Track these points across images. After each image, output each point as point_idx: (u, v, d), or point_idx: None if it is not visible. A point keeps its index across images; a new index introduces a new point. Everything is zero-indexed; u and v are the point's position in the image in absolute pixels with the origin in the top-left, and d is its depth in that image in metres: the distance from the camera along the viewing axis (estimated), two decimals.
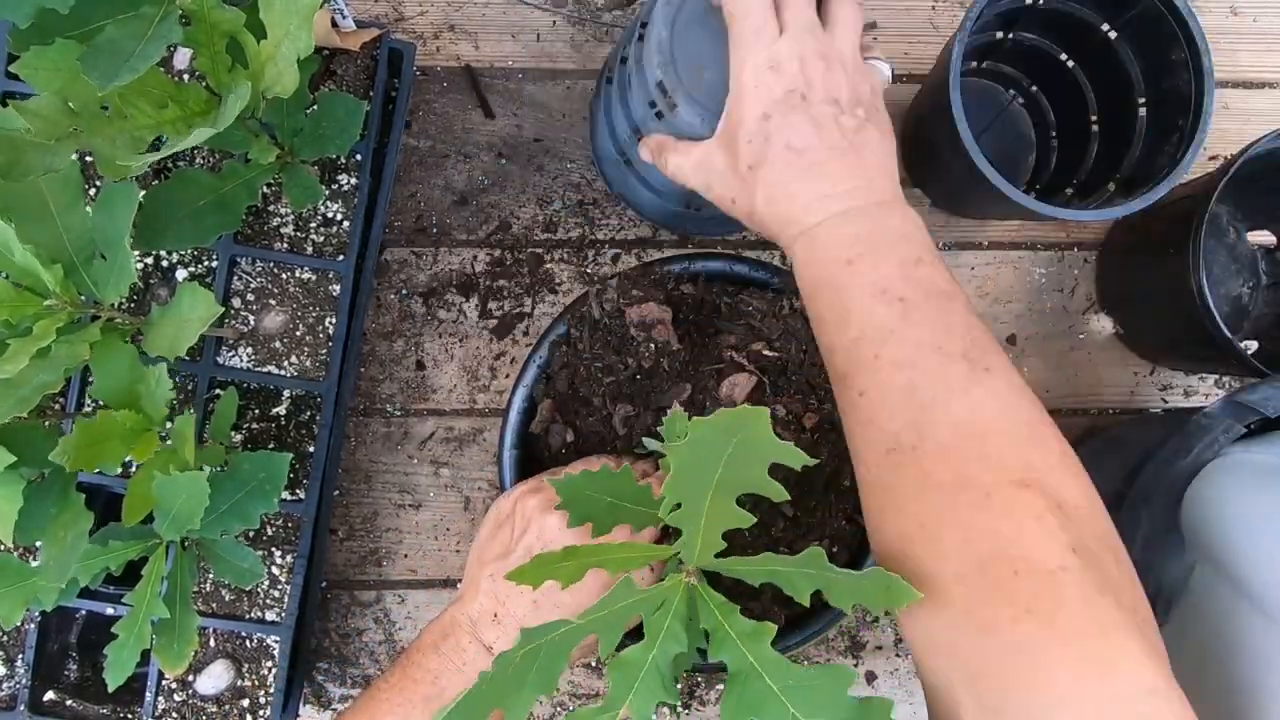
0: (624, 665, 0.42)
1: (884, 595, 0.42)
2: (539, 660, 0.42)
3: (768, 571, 0.44)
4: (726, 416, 0.39)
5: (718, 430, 0.39)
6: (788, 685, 0.41)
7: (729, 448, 0.40)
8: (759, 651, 0.42)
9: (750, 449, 0.40)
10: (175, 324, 0.62)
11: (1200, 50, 0.72)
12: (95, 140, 0.56)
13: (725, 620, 0.44)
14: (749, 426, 0.39)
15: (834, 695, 0.40)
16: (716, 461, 0.41)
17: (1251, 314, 0.89)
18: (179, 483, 0.58)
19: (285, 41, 0.56)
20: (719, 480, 0.42)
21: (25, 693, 0.76)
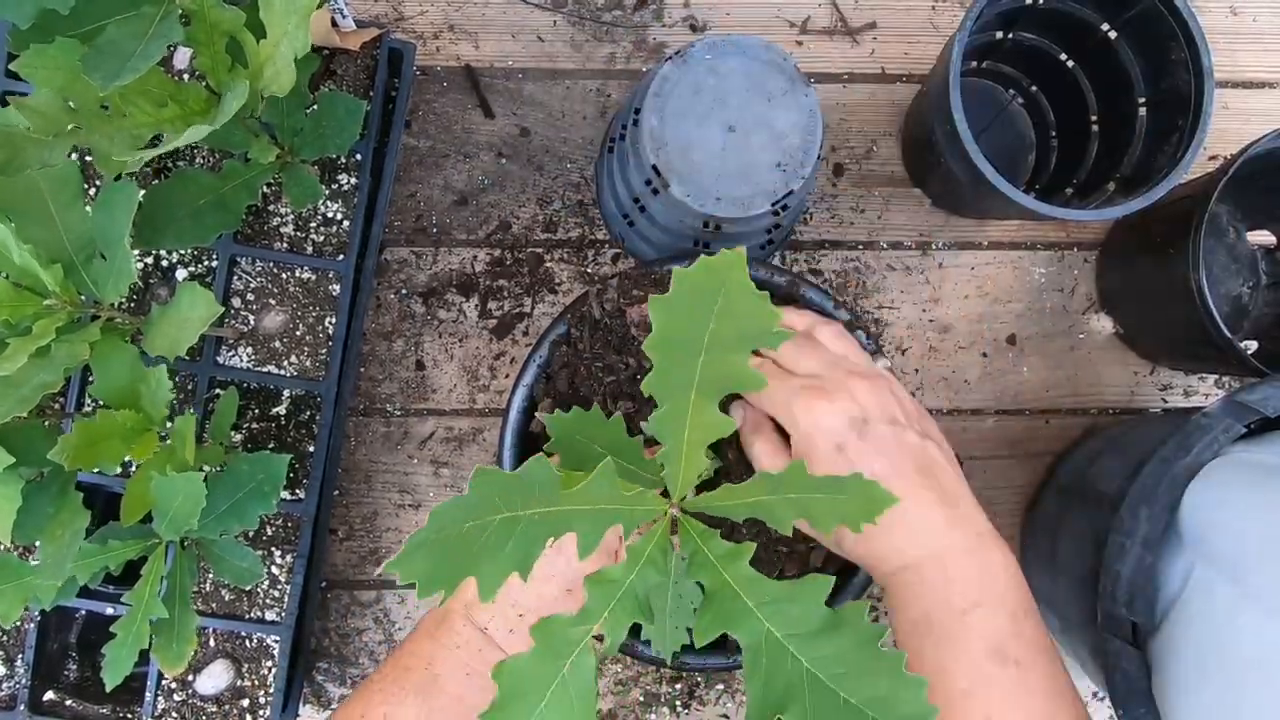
0: (603, 582, 0.43)
1: (864, 506, 0.42)
2: (516, 534, 0.40)
3: (750, 504, 0.44)
4: (704, 265, 0.39)
5: (700, 282, 0.39)
6: (763, 601, 0.41)
7: (713, 310, 0.40)
8: (735, 570, 0.42)
9: (735, 308, 0.40)
10: (175, 324, 0.62)
11: (1200, 50, 0.72)
12: (94, 138, 0.56)
13: (704, 544, 0.44)
14: (729, 273, 0.39)
15: (809, 607, 0.40)
16: (700, 334, 0.41)
17: (1251, 314, 0.89)
18: (176, 483, 0.58)
19: (284, 41, 0.56)
20: (702, 366, 0.41)
21: (25, 692, 0.76)
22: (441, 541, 0.39)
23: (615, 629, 0.42)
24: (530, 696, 0.39)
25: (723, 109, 0.71)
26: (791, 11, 0.91)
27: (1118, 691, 0.63)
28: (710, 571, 0.43)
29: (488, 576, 0.40)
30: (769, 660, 0.40)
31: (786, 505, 0.43)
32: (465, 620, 0.56)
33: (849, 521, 0.42)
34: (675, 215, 0.73)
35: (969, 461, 0.90)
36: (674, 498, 0.46)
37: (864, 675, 0.38)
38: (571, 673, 0.40)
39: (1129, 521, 0.64)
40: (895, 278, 0.91)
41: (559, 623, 0.41)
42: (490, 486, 0.39)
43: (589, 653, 0.40)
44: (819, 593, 0.40)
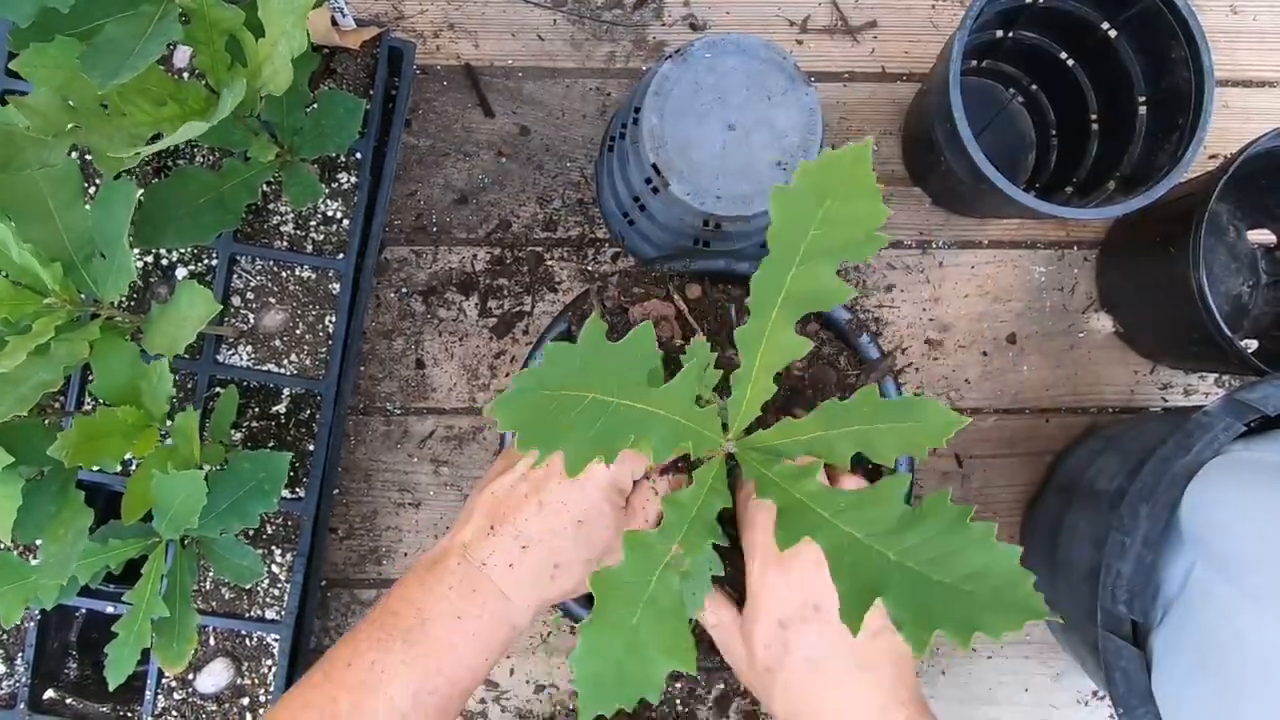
0: (677, 504, 0.44)
1: (930, 432, 0.42)
2: (605, 417, 0.42)
3: (807, 441, 0.44)
4: (826, 160, 0.40)
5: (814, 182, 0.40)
6: (839, 510, 0.41)
7: (818, 214, 0.41)
8: (803, 487, 0.43)
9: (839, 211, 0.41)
10: (174, 322, 0.62)
11: (1200, 49, 0.72)
12: (94, 137, 0.56)
13: (767, 469, 0.45)
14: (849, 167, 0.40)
15: (888, 508, 0.40)
16: (803, 233, 0.41)
17: (1251, 312, 0.89)
18: (177, 481, 0.58)
19: (282, 40, 0.56)
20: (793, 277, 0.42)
21: (25, 691, 0.76)
22: (541, 400, 0.41)
23: (694, 547, 0.43)
24: (626, 605, 0.40)
25: (723, 108, 0.71)
26: (792, 10, 0.91)
27: (1118, 690, 0.63)
28: (780, 491, 0.43)
29: (575, 452, 0.41)
30: (852, 557, 0.40)
31: (846, 438, 0.43)
32: (461, 559, 0.53)
33: (912, 448, 0.42)
34: (675, 214, 0.73)
35: (969, 460, 0.90)
36: (734, 425, 0.46)
37: (954, 555, 0.39)
38: (659, 586, 0.41)
39: (1129, 520, 0.64)
40: (895, 276, 0.91)
41: (645, 536, 0.42)
42: (597, 340, 0.42)
43: (673, 570, 0.41)
44: (897, 492, 0.40)
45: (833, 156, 0.40)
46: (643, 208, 0.76)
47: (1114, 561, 0.64)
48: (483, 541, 0.53)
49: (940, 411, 0.41)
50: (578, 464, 0.41)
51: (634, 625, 0.40)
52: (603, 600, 0.40)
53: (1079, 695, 0.90)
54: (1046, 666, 0.90)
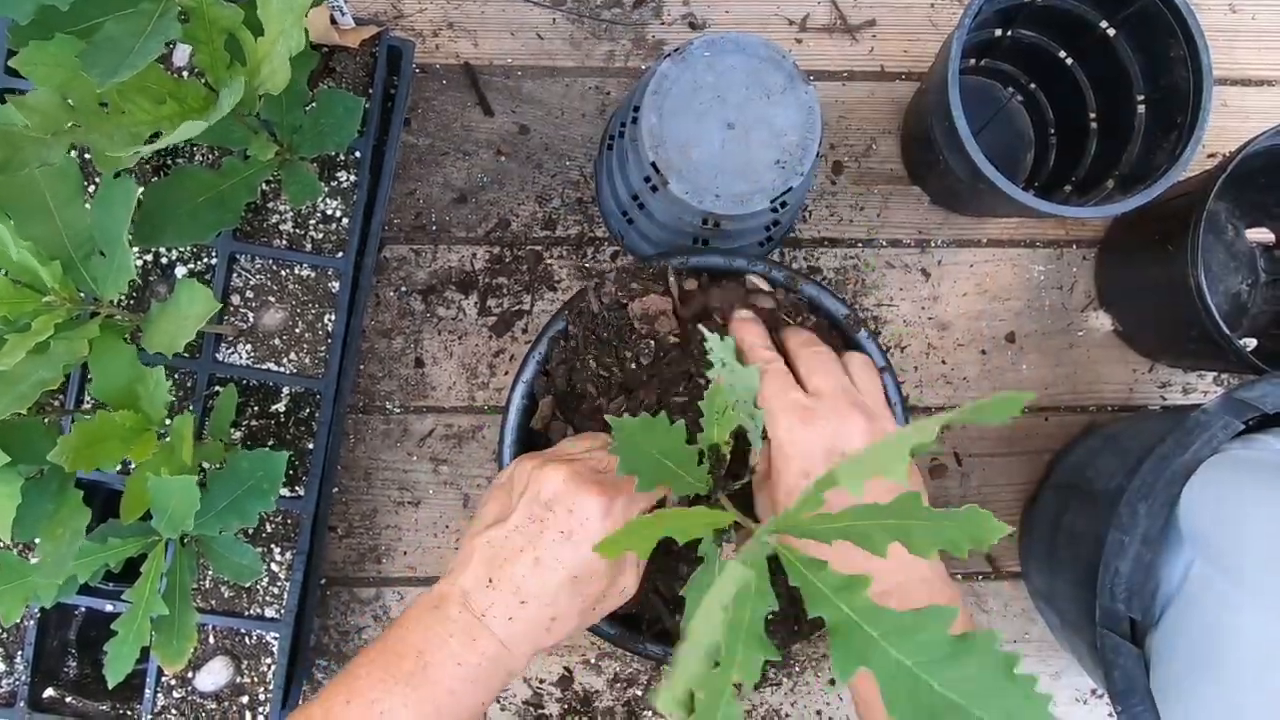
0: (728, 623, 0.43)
1: (972, 534, 0.42)
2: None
3: (842, 529, 0.44)
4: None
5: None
6: (888, 631, 0.41)
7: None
8: (854, 602, 0.42)
9: None
10: (173, 320, 0.62)
11: (1199, 47, 0.72)
12: (93, 136, 0.56)
13: (815, 576, 0.44)
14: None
15: (936, 634, 0.40)
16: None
17: (1250, 311, 0.89)
18: (170, 485, 0.58)
19: (280, 39, 0.56)
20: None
21: (25, 689, 0.76)
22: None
23: (749, 664, 0.42)
24: None
25: (722, 106, 0.71)
26: (791, 9, 0.91)
27: (1116, 688, 0.63)
28: (830, 606, 0.42)
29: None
30: (907, 690, 0.40)
31: (884, 530, 0.43)
32: (462, 608, 0.54)
33: (951, 547, 0.42)
34: (674, 212, 0.73)
35: (967, 459, 0.90)
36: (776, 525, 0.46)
37: (995, 696, 0.39)
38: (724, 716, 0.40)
39: (1128, 518, 0.64)
40: (894, 275, 0.91)
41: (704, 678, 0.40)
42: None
43: (733, 701, 0.40)
44: (944, 621, 0.40)
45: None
46: (641, 206, 0.76)
47: (1113, 560, 0.64)
48: (482, 592, 0.55)
49: (985, 521, 0.42)
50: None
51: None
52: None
53: (1078, 693, 0.90)
54: (1045, 664, 0.90)
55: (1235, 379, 0.92)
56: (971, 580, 0.90)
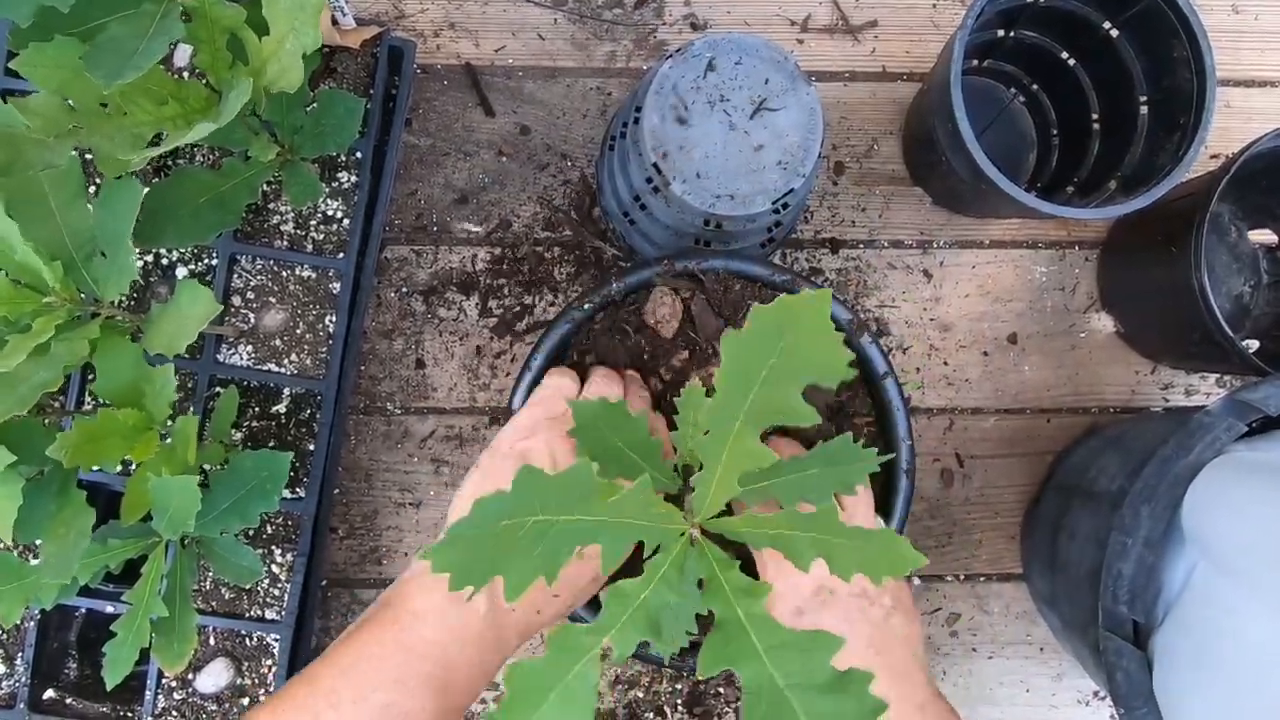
0: (620, 595, 0.43)
1: (889, 562, 0.42)
2: (547, 538, 0.41)
3: (771, 535, 0.44)
4: (782, 304, 0.38)
5: (773, 320, 0.39)
6: (772, 645, 0.40)
7: (777, 347, 0.40)
8: (749, 607, 0.42)
9: (801, 347, 0.39)
10: (174, 321, 0.62)
11: (1202, 48, 0.72)
12: (95, 138, 0.56)
13: (722, 573, 0.44)
14: (809, 312, 0.38)
15: (816, 661, 0.39)
16: (761, 364, 0.40)
17: (1253, 313, 0.89)
18: (172, 485, 0.58)
19: (290, 37, 0.56)
20: (754, 399, 0.41)
21: (25, 691, 0.75)
22: (477, 537, 0.39)
23: (625, 643, 0.42)
24: (534, 697, 0.39)
25: (723, 107, 0.71)
26: (792, 9, 0.91)
27: (1119, 690, 0.63)
28: (723, 602, 0.43)
29: (515, 576, 0.40)
30: (767, 705, 0.39)
31: (809, 543, 0.43)
32: (487, 597, 0.53)
33: (870, 572, 0.42)
34: (676, 213, 0.73)
35: (969, 460, 0.90)
36: (698, 517, 0.46)
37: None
38: (576, 679, 0.40)
39: (1130, 520, 0.64)
40: (896, 276, 0.90)
41: (574, 631, 0.41)
42: (532, 486, 0.40)
43: (596, 662, 0.40)
44: (829, 649, 0.40)
45: (788, 300, 0.39)
46: (644, 207, 0.76)
47: (1115, 562, 0.64)
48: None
49: (901, 548, 0.41)
50: (517, 590, 0.41)
51: (540, 713, 0.39)
52: (514, 692, 0.39)
53: (1080, 695, 0.90)
54: (1047, 667, 0.90)
55: (1238, 381, 0.91)
56: (973, 581, 0.90)
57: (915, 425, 0.89)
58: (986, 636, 0.90)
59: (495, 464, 0.58)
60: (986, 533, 0.90)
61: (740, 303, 0.69)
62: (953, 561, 0.90)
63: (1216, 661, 0.59)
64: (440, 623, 0.52)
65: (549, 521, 0.41)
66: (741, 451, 0.43)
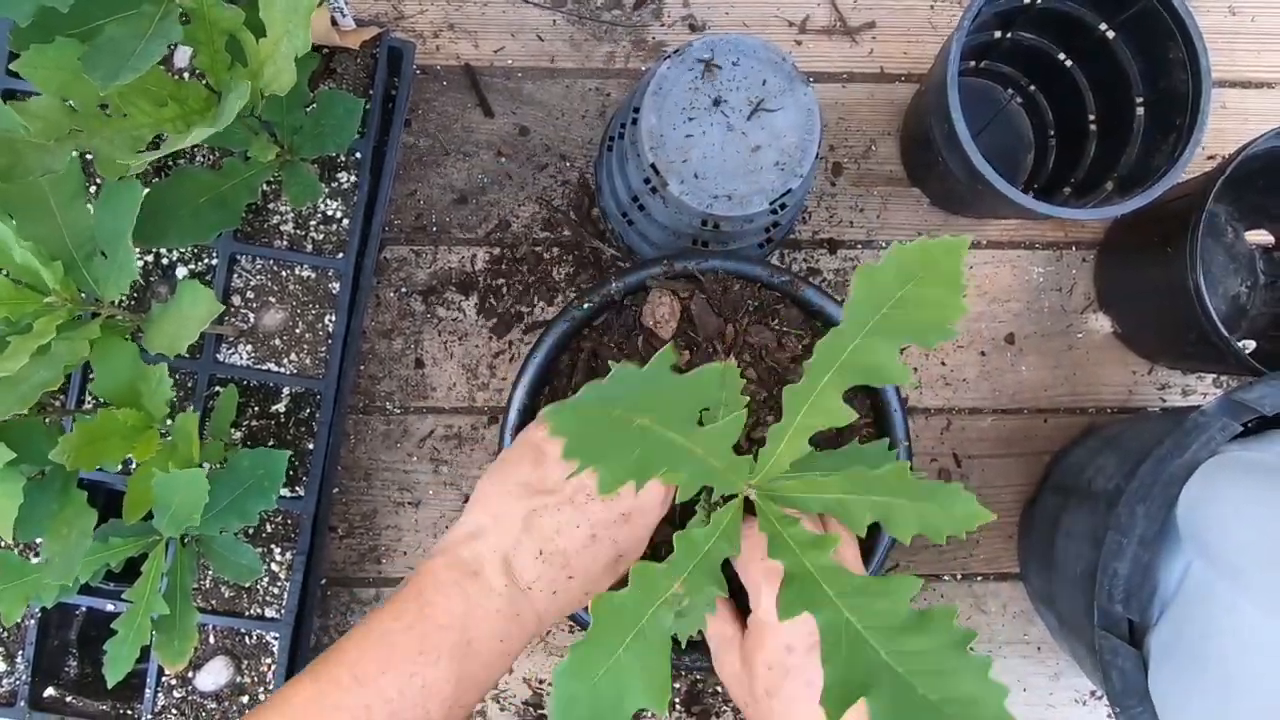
0: (689, 542, 0.44)
1: (951, 519, 0.42)
2: (645, 444, 0.42)
3: (828, 500, 0.44)
4: (920, 246, 0.39)
5: (911, 259, 0.39)
6: (844, 592, 0.41)
7: (897, 294, 0.40)
8: (816, 559, 0.42)
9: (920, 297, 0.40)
10: (175, 321, 0.62)
11: (1198, 50, 0.72)
12: (95, 140, 0.56)
13: (784, 529, 0.44)
14: (940, 260, 0.39)
15: (893, 603, 0.40)
16: (879, 308, 0.41)
17: (1249, 313, 0.89)
18: (178, 480, 0.59)
19: (284, 40, 0.56)
20: (853, 350, 0.41)
21: (25, 689, 0.76)
22: (596, 414, 0.41)
23: (695, 589, 0.43)
24: (617, 636, 0.40)
25: (721, 108, 0.71)
26: (790, 11, 0.91)
27: (1114, 689, 0.63)
28: (791, 556, 0.43)
29: (612, 469, 0.41)
30: (848, 647, 0.40)
31: (866, 505, 0.43)
32: (506, 579, 0.52)
33: (931, 531, 0.42)
34: (674, 214, 0.73)
35: (967, 460, 0.91)
36: (758, 476, 0.46)
37: (946, 675, 0.38)
38: (651, 622, 0.41)
39: (1126, 520, 0.64)
40: None
41: (652, 569, 0.42)
42: (654, 380, 0.41)
43: (668, 608, 0.41)
44: (905, 591, 0.40)
45: (929, 244, 0.39)
46: (642, 208, 0.76)
47: (1111, 561, 0.64)
48: (531, 564, 0.52)
49: (968, 504, 0.41)
50: (612, 484, 0.42)
51: (620, 654, 0.40)
52: (599, 624, 0.40)
53: (1077, 695, 0.90)
54: (1044, 666, 0.90)
55: (1234, 381, 0.92)
56: (971, 581, 0.90)
57: (913, 425, 0.90)
58: (984, 636, 0.90)
59: (518, 450, 0.58)
60: (984, 532, 0.91)
61: (740, 303, 0.69)
62: (950, 561, 0.90)
63: (1212, 660, 0.59)
64: (460, 595, 0.51)
65: (651, 430, 0.42)
66: (823, 407, 0.43)
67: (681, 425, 0.43)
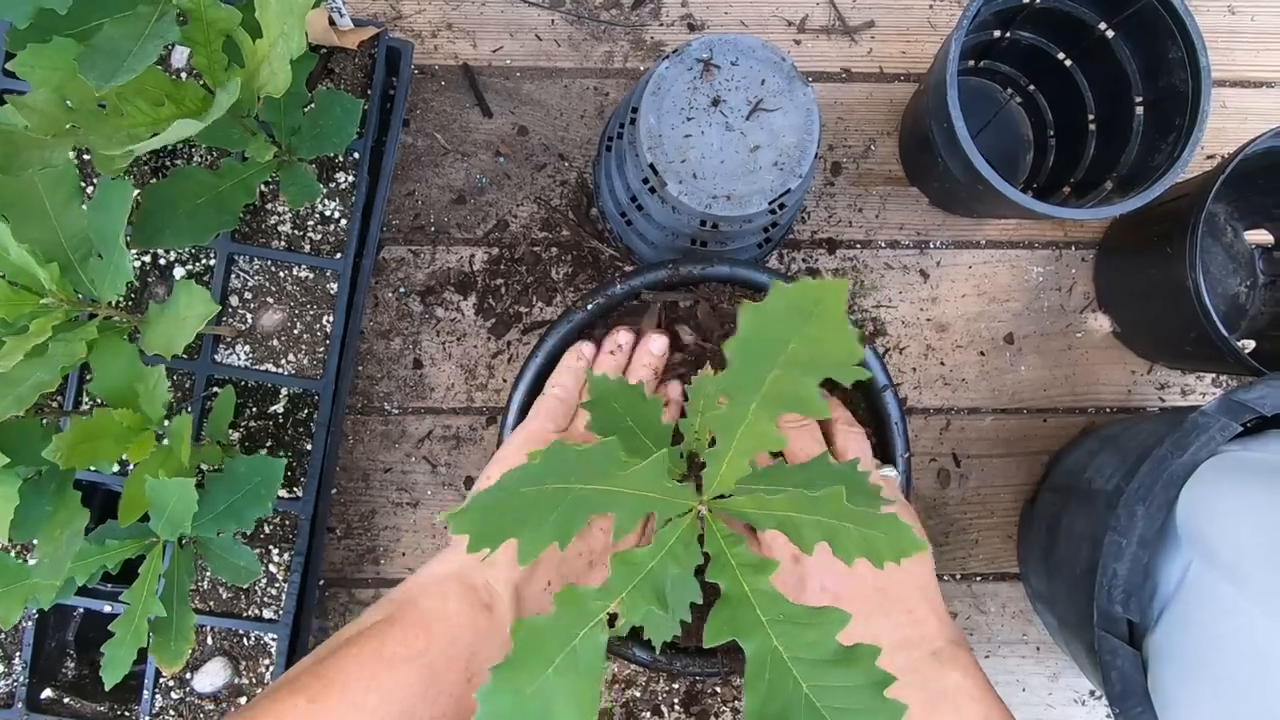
0: (628, 561, 0.43)
1: (893, 546, 0.42)
2: (562, 505, 0.41)
3: (777, 517, 0.44)
4: (804, 287, 0.38)
5: (794, 300, 0.38)
6: (775, 618, 0.41)
7: (797, 332, 0.40)
8: (755, 582, 0.42)
9: (818, 336, 0.39)
10: (172, 322, 0.62)
11: (1197, 49, 0.72)
12: (92, 137, 0.56)
13: (728, 548, 0.44)
14: (827, 300, 0.38)
15: (821, 634, 0.40)
16: (779, 349, 0.40)
17: (1249, 313, 0.89)
18: (169, 487, 0.58)
19: (280, 41, 0.56)
20: (769, 384, 0.41)
21: (23, 690, 0.76)
22: (497, 503, 0.40)
23: (632, 610, 0.42)
24: (542, 658, 0.39)
25: (720, 108, 0.71)
26: (789, 10, 0.91)
27: (1114, 689, 0.63)
28: (730, 577, 0.43)
29: (529, 541, 0.41)
30: (771, 676, 0.40)
31: (814, 526, 0.43)
32: (514, 610, 0.52)
33: (874, 556, 0.42)
34: (673, 214, 0.73)
35: (966, 460, 0.90)
36: (705, 495, 0.46)
37: (862, 715, 0.38)
38: (583, 643, 0.40)
39: (1125, 520, 0.64)
40: (893, 277, 0.91)
41: (582, 593, 0.41)
42: (561, 458, 0.40)
43: (602, 629, 0.41)
44: (835, 624, 0.40)
45: (811, 285, 0.39)
46: (640, 208, 0.76)
47: (1110, 561, 0.64)
48: (539, 596, 0.53)
49: (904, 532, 0.41)
50: (530, 554, 0.41)
51: (547, 676, 0.39)
52: (521, 647, 0.39)
53: (1076, 695, 0.90)
54: (1043, 666, 0.90)
55: (1234, 381, 0.92)
56: (970, 581, 0.90)
57: (912, 425, 0.90)
58: (983, 636, 0.90)
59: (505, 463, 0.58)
60: (983, 532, 0.90)
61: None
62: (949, 561, 0.90)
63: (1211, 660, 0.59)
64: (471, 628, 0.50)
65: (566, 488, 0.41)
66: (755, 434, 0.43)
67: (600, 477, 0.42)
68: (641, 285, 0.69)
